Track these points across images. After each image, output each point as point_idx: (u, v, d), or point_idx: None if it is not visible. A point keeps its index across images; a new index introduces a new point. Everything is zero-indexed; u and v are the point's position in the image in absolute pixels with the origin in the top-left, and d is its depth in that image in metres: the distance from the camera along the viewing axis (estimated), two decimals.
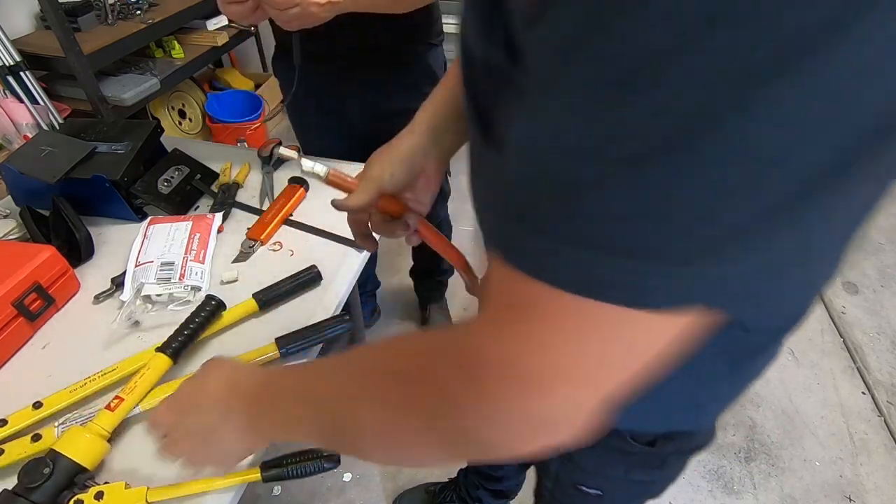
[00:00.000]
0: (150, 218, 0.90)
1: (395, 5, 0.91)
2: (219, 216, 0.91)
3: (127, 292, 0.78)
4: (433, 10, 1.04)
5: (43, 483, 0.52)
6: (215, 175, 1.04)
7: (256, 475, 0.58)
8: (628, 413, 0.32)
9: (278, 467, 0.58)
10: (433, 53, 1.09)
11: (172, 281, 0.78)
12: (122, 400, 0.62)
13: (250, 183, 1.03)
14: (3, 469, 0.59)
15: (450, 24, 1.11)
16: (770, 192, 0.20)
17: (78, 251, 0.85)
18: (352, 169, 1.03)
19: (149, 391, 0.64)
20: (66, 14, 1.59)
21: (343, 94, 1.10)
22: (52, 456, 0.55)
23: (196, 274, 0.80)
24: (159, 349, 0.67)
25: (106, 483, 0.56)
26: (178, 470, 0.58)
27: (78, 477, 0.55)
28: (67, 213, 0.86)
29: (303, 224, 0.93)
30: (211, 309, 0.72)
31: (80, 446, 0.56)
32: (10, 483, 0.55)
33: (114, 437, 0.61)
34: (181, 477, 0.58)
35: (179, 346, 0.68)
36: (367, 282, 1.67)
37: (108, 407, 0.61)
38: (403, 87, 1.06)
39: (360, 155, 0.68)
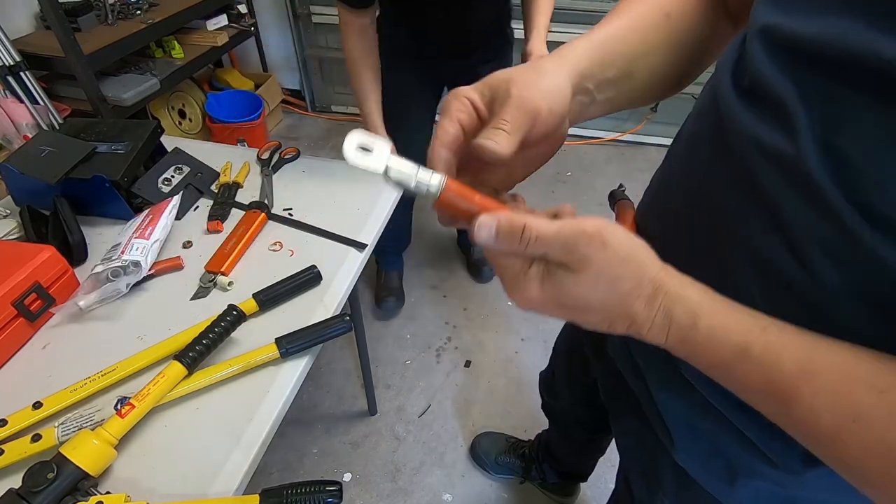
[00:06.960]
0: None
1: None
2: (177, 198, 0.91)
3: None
4: None
5: (46, 487, 0.52)
6: (215, 175, 1.04)
7: (255, 502, 0.56)
8: None
9: (278, 496, 0.57)
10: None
11: (113, 259, 0.79)
12: (133, 407, 0.61)
13: (250, 183, 1.03)
14: (3, 469, 0.59)
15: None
16: None
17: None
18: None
19: (160, 398, 0.64)
20: (66, 14, 1.60)
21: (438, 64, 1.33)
22: (58, 460, 0.54)
23: (136, 249, 0.80)
24: (176, 357, 0.66)
25: (108, 493, 0.55)
26: (180, 486, 0.58)
27: (81, 483, 0.55)
28: (65, 215, 0.85)
29: (303, 224, 0.93)
30: (232, 319, 0.71)
31: (86, 452, 0.56)
32: (11, 483, 0.55)
33: (121, 443, 0.60)
34: (181, 495, 0.58)
35: (197, 355, 0.66)
36: (401, 237, 1.66)
37: (118, 413, 0.60)
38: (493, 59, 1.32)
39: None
